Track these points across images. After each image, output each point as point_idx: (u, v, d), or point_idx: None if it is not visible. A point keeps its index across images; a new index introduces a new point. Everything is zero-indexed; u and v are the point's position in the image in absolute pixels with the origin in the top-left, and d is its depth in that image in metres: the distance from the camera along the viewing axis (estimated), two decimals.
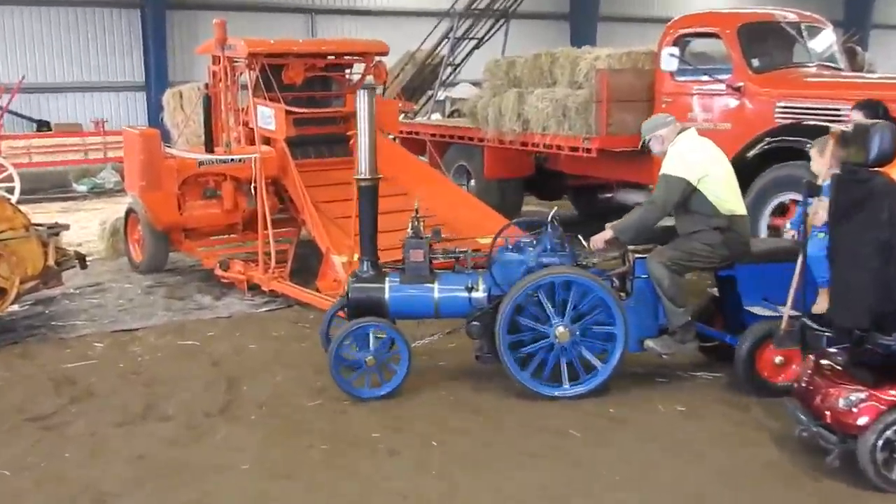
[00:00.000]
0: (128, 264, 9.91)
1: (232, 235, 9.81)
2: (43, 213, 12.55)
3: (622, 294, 5.86)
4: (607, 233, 5.84)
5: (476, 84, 17.11)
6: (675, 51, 8.97)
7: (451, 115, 16.34)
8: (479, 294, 5.80)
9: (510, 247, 5.92)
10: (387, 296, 5.80)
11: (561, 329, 5.58)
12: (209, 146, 9.73)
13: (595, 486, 4.60)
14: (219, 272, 8.59)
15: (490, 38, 16.25)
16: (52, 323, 7.70)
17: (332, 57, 10.29)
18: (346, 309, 5.92)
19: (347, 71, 10.51)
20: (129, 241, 9.92)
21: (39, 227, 7.79)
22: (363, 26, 22.76)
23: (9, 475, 4.76)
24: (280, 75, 9.55)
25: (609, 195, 12.53)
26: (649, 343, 5.78)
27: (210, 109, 9.94)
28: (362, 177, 5.95)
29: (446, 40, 15.85)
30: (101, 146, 17.03)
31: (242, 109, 9.92)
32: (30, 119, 18.63)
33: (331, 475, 4.77)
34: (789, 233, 6.44)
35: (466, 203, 9.93)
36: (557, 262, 5.76)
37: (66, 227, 8.31)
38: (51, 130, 17.73)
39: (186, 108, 17.43)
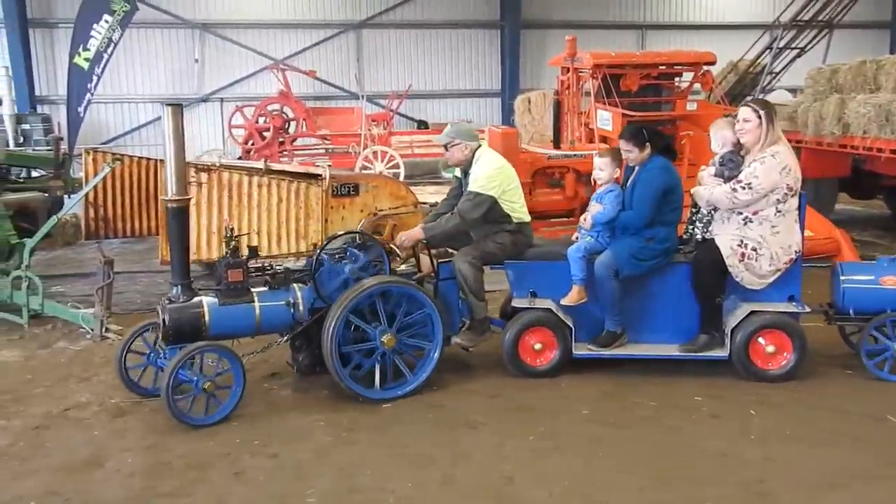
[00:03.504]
0: None
1: (570, 219, 9.73)
2: (419, 194, 13.12)
3: None
4: (418, 233, 5.64)
5: (791, 90, 16.13)
6: None
7: None
8: (301, 308, 5.26)
9: (328, 261, 5.37)
10: (206, 317, 5.03)
11: (388, 336, 5.19)
12: (556, 143, 9.97)
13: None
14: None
15: (812, 47, 15.25)
16: None
17: (665, 67, 10.11)
18: (163, 334, 5.04)
19: (677, 79, 10.31)
20: None
21: (423, 205, 8.21)
22: (688, 39, 22.15)
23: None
24: (618, 83, 9.59)
25: None
26: (455, 339, 5.62)
27: (558, 113, 10.18)
28: (170, 197, 5.02)
29: (769, 50, 15.16)
30: None
31: (584, 113, 10.04)
32: (412, 119, 20.25)
33: (658, 430, 4.75)
34: (574, 235, 5.93)
35: None
36: (372, 273, 5.35)
37: None
38: (427, 128, 18.89)
39: (533, 111, 18.10)
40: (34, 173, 10.20)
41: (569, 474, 4.25)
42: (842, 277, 5.56)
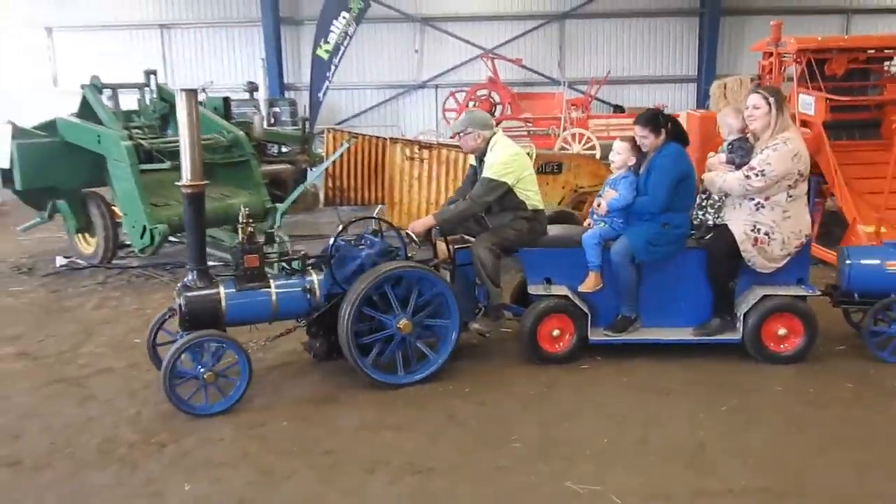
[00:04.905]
0: None
1: None
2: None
3: None
4: (429, 220, 5.27)
5: None
6: None
7: None
8: (317, 294, 4.83)
9: (343, 246, 4.95)
10: (223, 304, 4.64)
11: (403, 321, 4.77)
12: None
13: None
14: None
15: None
16: None
17: (874, 50, 9.07)
18: (180, 320, 4.67)
19: (887, 63, 9.21)
20: None
21: None
22: None
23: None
24: (823, 68, 8.75)
25: None
26: (474, 325, 5.28)
27: None
28: (185, 182, 4.55)
29: None
30: None
31: (786, 98, 9.44)
32: (609, 104, 19.77)
33: (860, 412, 4.39)
34: (587, 221, 5.57)
35: None
36: (387, 258, 4.91)
37: None
38: (623, 112, 18.45)
39: (729, 96, 17.00)
40: (283, 149, 10.96)
41: (764, 448, 4.01)
42: (848, 261, 5.25)
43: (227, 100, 9.54)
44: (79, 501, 3.64)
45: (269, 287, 4.77)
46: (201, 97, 10.87)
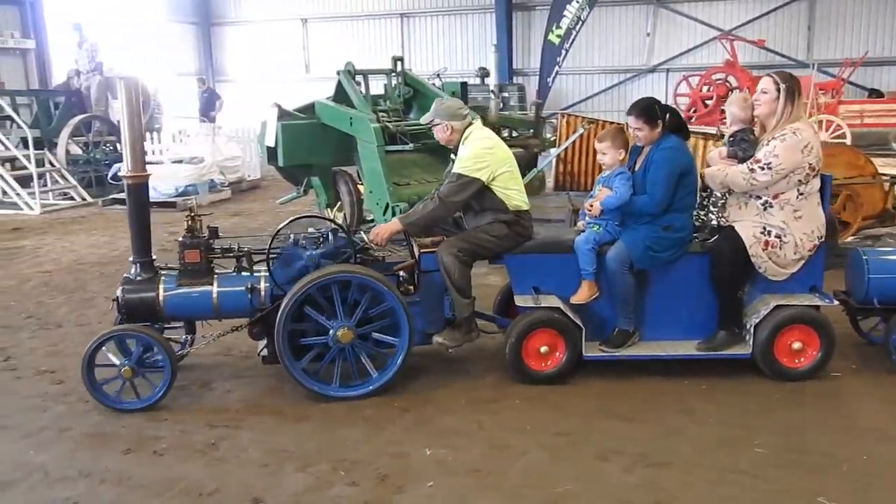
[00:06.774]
0: None
1: None
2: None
3: (410, 288, 4.70)
4: (395, 225, 4.60)
5: None
6: None
7: None
8: (261, 294, 4.50)
9: (290, 245, 4.53)
10: (161, 298, 4.46)
11: (343, 330, 4.33)
12: None
13: None
14: None
15: None
16: None
17: None
18: (118, 312, 4.51)
19: None
20: None
21: (884, 176, 7.50)
22: None
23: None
24: None
25: None
26: (437, 338, 4.64)
27: None
28: (127, 173, 4.42)
29: None
30: None
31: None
32: (864, 88, 17.87)
33: None
34: (580, 224, 4.88)
35: None
36: (335, 260, 4.48)
37: None
38: (882, 97, 16.65)
39: None
40: (514, 133, 11.09)
41: None
42: (868, 266, 4.75)
43: (464, 85, 9.85)
44: (333, 451, 3.95)
45: (212, 284, 4.58)
46: (436, 82, 11.33)
